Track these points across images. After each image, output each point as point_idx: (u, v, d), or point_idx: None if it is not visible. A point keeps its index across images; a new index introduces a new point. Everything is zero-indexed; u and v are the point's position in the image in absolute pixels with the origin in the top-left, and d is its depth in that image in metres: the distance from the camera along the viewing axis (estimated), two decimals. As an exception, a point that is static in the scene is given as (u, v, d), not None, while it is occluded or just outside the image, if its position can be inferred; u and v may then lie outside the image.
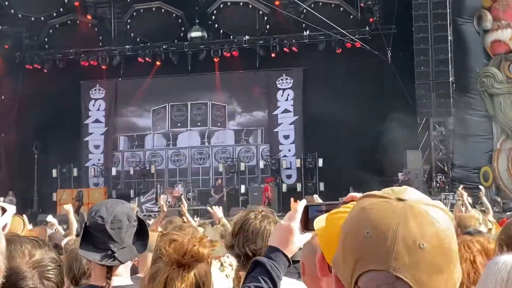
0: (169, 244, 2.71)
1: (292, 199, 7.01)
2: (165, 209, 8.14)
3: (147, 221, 8.21)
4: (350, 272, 1.39)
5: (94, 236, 3.19)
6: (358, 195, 1.79)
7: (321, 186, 29.60)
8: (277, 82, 32.11)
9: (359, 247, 1.38)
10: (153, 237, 4.41)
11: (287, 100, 32.07)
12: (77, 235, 7.90)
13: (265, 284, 2.27)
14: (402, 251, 1.33)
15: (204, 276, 2.74)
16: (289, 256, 2.35)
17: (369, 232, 1.37)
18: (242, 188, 30.24)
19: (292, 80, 31.93)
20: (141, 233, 3.35)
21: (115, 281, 3.23)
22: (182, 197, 29.03)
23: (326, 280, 1.94)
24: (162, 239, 2.84)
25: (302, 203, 2.32)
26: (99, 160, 33.33)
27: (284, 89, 32.08)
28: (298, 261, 3.77)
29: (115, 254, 3.17)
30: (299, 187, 30.14)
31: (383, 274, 1.34)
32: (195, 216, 19.78)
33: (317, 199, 6.30)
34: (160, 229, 6.96)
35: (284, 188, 30.18)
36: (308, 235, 2.34)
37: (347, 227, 1.45)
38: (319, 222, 1.83)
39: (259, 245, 3.32)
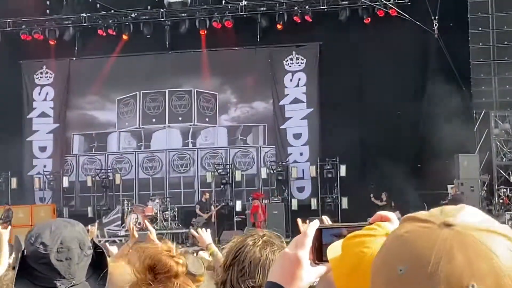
0: (138, 253, 2.80)
1: (299, 220, 6.98)
2: (136, 234, 8.10)
3: (110, 248, 8.20)
4: None
5: (34, 269, 3.14)
6: (390, 214, 1.77)
7: (344, 203, 29.64)
8: (284, 62, 32.16)
9: (391, 286, 1.37)
10: (116, 269, 4.38)
11: (297, 86, 32.12)
12: (13, 268, 7.88)
13: None
14: None
15: None
16: None
17: (402, 269, 1.36)
18: (238, 205, 30.29)
19: (304, 60, 31.98)
20: (99, 264, 3.32)
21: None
22: (159, 216, 29.11)
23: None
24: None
25: (314, 224, 2.31)
26: (45, 167, 33.36)
27: (294, 72, 32.13)
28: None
29: (63, 294, 3.14)
30: (314, 203, 30.19)
31: None
32: (174, 242, 19.83)
33: (327, 220, 6.26)
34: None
35: (294, 205, 30.23)
36: (321, 269, 2.32)
37: (378, 259, 1.45)
38: (334, 249, 1.83)
39: (258, 281, 3.31)
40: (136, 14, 31.78)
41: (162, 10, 31.75)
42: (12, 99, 32.71)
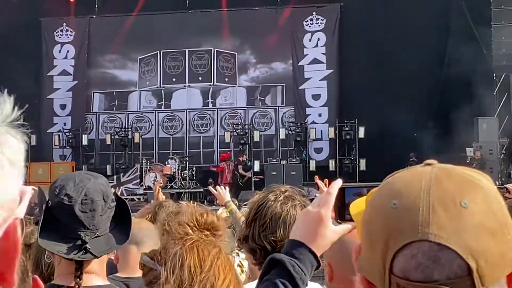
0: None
1: (316, 177, 6.98)
2: (162, 196, 8.04)
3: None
4: (381, 260, 1.41)
5: (59, 221, 3.16)
6: None
7: (362, 164, 29.62)
8: (304, 22, 31.98)
9: (386, 223, 1.42)
10: (133, 224, 4.42)
11: (316, 46, 31.96)
12: (36, 223, 7.94)
13: None
14: (441, 214, 1.37)
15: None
16: (318, 254, 2.32)
17: (396, 202, 1.41)
18: (256, 165, 30.25)
19: (324, 21, 31.79)
20: (122, 217, 3.33)
21: (87, 280, 3.19)
22: (177, 175, 29.19)
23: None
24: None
25: (337, 183, 2.30)
26: (65, 124, 33.48)
27: (313, 32, 31.94)
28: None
29: (87, 245, 3.13)
30: (332, 165, 30.16)
31: (422, 246, 1.36)
32: (192, 201, 19.87)
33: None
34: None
35: (312, 166, 30.20)
36: (344, 227, 2.31)
37: (369, 206, 1.51)
38: (357, 206, 1.83)
39: (279, 235, 3.31)
40: (156, -28, 31.61)
41: (182, -32, 31.65)
42: (33, 57, 32.71)
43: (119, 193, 3.63)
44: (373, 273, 1.45)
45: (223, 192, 7.72)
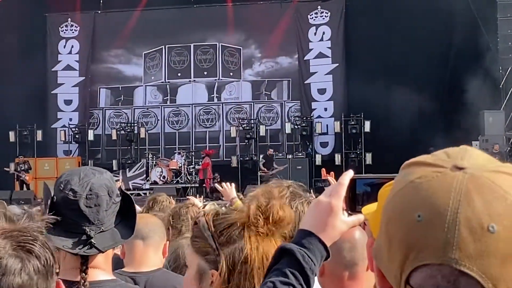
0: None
1: (323, 170, 6.96)
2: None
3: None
4: (398, 268, 1.37)
5: (64, 215, 3.13)
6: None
7: (368, 158, 29.61)
8: (309, 16, 31.94)
9: (408, 235, 1.36)
10: (139, 219, 4.41)
11: (322, 40, 31.93)
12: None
13: (294, 280, 2.21)
14: (466, 238, 1.31)
15: None
16: (328, 245, 2.31)
17: (421, 215, 1.35)
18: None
19: (329, 14, 31.75)
20: (127, 212, 3.33)
21: (92, 275, 3.19)
22: (183, 170, 29.21)
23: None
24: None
25: (348, 174, 2.29)
26: (71, 120, 33.52)
27: (318, 25, 31.91)
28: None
29: (92, 240, 3.14)
30: (338, 159, 30.16)
31: (443, 269, 1.32)
32: (198, 195, 19.87)
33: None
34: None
35: (318, 160, 30.18)
36: (354, 218, 2.30)
37: (391, 207, 1.43)
38: (369, 208, 1.81)
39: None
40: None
41: (187, -37, 31.65)
42: (38, 52, 32.71)
43: (124, 188, 3.61)
44: (389, 273, 1.42)
45: (230, 189, 7.70)
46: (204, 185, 28.45)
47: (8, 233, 1.98)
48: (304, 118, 31.15)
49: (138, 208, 5.30)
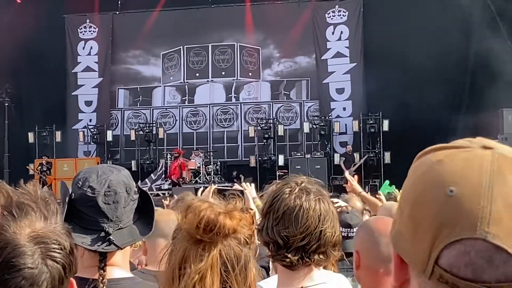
0: (185, 211, 2.66)
1: (342, 165, 6.98)
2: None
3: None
4: (427, 247, 1.34)
5: (82, 213, 3.17)
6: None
7: (387, 157, 29.50)
8: (326, 15, 31.90)
9: (440, 212, 1.33)
10: (162, 216, 4.39)
11: (339, 39, 31.88)
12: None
13: None
14: (503, 213, 1.30)
15: (234, 258, 2.65)
16: None
17: (453, 190, 1.33)
18: (280, 160, 30.27)
19: (347, 13, 31.70)
20: (145, 209, 3.34)
21: (110, 272, 3.19)
22: (202, 170, 29.22)
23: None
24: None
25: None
26: (90, 121, 33.64)
27: (335, 25, 31.86)
28: (351, 254, 3.71)
29: (111, 237, 3.14)
30: (356, 158, 30.07)
31: (477, 244, 1.30)
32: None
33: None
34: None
35: (337, 159, 30.11)
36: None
37: (416, 189, 1.41)
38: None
39: (291, 231, 3.24)
40: (179, -32, 31.68)
41: (205, -36, 31.70)
42: (57, 54, 32.79)
43: (147, 190, 3.59)
44: (414, 257, 1.39)
45: (249, 189, 7.68)
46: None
47: (38, 237, 2.00)
48: (323, 117, 31.09)
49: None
